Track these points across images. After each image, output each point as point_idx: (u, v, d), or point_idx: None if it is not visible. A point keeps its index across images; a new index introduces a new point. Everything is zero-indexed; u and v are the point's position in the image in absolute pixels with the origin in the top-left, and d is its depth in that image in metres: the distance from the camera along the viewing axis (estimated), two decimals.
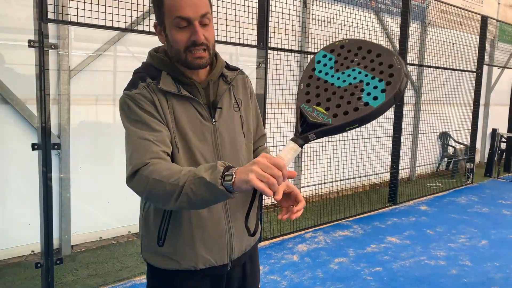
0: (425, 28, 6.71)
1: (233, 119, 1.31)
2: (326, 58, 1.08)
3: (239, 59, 4.72)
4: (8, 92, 3.27)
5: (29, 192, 3.26)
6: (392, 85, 0.97)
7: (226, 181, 0.97)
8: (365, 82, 0.99)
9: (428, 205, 5.58)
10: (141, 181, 1.09)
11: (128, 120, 1.18)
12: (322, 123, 0.99)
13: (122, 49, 3.82)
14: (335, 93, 1.02)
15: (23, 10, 3.25)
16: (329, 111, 1.00)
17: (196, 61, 1.19)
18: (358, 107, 0.98)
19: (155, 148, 1.13)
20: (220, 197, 1.00)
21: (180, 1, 1.14)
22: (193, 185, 1.01)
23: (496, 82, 8.84)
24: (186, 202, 1.03)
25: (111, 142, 3.84)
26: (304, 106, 1.03)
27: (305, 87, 1.06)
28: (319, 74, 1.06)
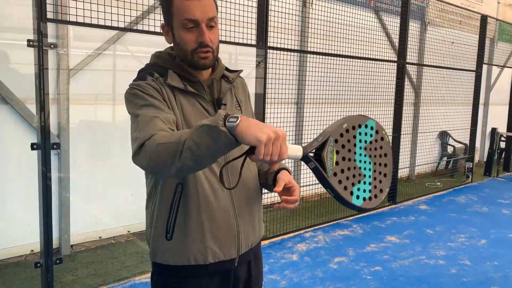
0: (425, 27, 6.71)
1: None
2: (370, 131, 1.17)
3: (238, 58, 4.72)
4: (7, 92, 3.27)
5: (29, 192, 3.26)
6: (370, 202, 1.13)
7: (229, 122, 0.94)
8: (364, 179, 1.14)
9: (428, 204, 5.59)
10: (146, 151, 1.07)
11: (136, 107, 1.19)
12: (325, 167, 1.08)
13: (122, 48, 3.82)
14: (350, 161, 1.13)
15: (22, 9, 3.24)
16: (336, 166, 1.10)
17: (201, 61, 1.24)
18: (348, 188, 1.11)
19: (162, 125, 1.13)
20: (223, 142, 0.95)
21: (189, 4, 1.19)
22: (195, 136, 0.98)
23: (496, 81, 8.85)
24: (189, 157, 0.99)
25: (111, 141, 3.84)
26: (331, 140, 1.10)
27: (345, 130, 1.12)
28: (358, 136, 1.15)
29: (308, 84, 4.86)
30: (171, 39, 1.29)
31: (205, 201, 1.25)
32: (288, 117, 4.36)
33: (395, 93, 5.45)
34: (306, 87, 4.97)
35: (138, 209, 1.25)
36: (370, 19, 5.48)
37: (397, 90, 5.43)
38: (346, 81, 5.00)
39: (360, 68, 5.22)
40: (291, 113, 4.87)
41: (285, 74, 4.25)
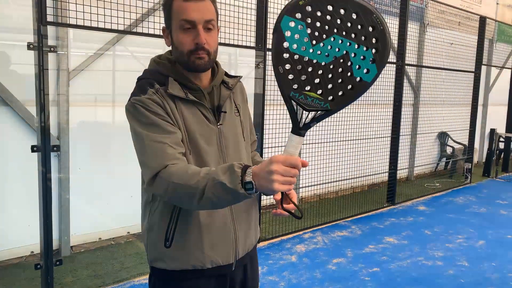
0: (424, 28, 6.73)
1: (234, 123, 1.38)
2: (295, 27, 0.92)
3: (238, 59, 4.73)
4: (7, 94, 3.28)
5: (29, 193, 3.27)
6: (381, 52, 0.90)
7: (247, 189, 1.03)
8: (351, 53, 0.90)
9: (426, 205, 5.61)
10: (162, 184, 1.13)
11: (140, 125, 1.20)
12: (320, 109, 0.95)
13: (121, 49, 3.84)
14: (323, 72, 0.92)
15: (22, 10, 3.25)
16: (323, 94, 0.94)
17: (196, 62, 1.24)
18: (353, 84, 0.92)
19: (172, 151, 1.16)
20: (241, 199, 1.07)
21: (187, 6, 1.21)
22: (214, 189, 1.06)
23: (495, 82, 8.86)
24: (209, 205, 1.09)
25: (110, 142, 3.86)
26: (294, 95, 0.95)
27: (284, 70, 0.94)
28: (295, 50, 0.92)
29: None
30: (169, 41, 1.30)
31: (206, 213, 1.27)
32: (287, 118, 4.37)
33: (394, 94, 5.47)
34: None
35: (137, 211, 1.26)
36: None
37: (396, 91, 5.45)
38: None
39: None
40: None
41: None
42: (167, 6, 1.26)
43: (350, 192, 5.95)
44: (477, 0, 8.16)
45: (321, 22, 0.91)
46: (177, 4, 1.23)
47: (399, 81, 5.41)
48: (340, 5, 0.90)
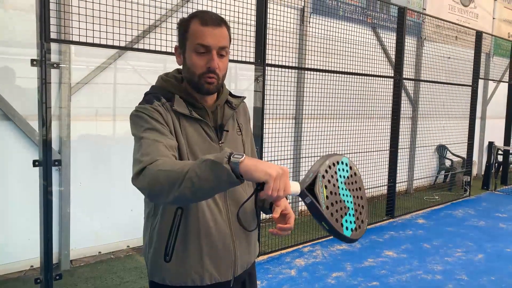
0: (421, 43, 6.82)
1: (236, 142, 1.41)
2: (346, 167, 1.25)
3: (238, 73, 4.79)
4: (9, 109, 3.32)
5: (29, 207, 3.29)
6: (356, 233, 1.21)
7: (234, 158, 0.99)
8: (349, 212, 1.21)
9: (425, 218, 5.61)
10: (146, 176, 1.10)
11: (140, 129, 1.23)
12: (319, 201, 1.13)
13: (123, 63, 3.89)
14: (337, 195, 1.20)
15: (26, 24, 3.31)
16: (327, 200, 1.16)
17: (206, 86, 1.30)
18: (338, 220, 1.17)
19: (164, 150, 1.17)
20: (224, 179, 0.99)
21: (205, 30, 1.26)
22: (197, 168, 1.02)
23: (492, 95, 8.94)
24: (189, 188, 1.02)
25: (111, 156, 3.89)
26: (320, 176, 1.15)
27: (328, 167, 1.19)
28: (338, 171, 1.23)
29: (306, 99, 4.93)
30: (181, 61, 1.35)
31: (205, 226, 1.29)
32: (287, 132, 4.42)
33: (392, 108, 5.52)
34: (305, 102, 5.04)
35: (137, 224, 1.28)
36: (367, 35, 5.58)
37: (394, 105, 5.50)
38: (344, 96, 5.07)
39: (358, 83, 5.29)
40: (290, 127, 4.92)
41: (284, 90, 4.32)
42: (184, 27, 1.31)
43: None
44: (474, 15, 8.27)
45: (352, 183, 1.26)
46: (195, 27, 1.28)
47: (397, 94, 5.47)
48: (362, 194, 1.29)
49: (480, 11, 8.43)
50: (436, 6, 7.30)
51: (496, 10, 8.84)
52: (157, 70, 3.98)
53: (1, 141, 3.34)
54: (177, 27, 1.36)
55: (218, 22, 1.30)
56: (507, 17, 9.25)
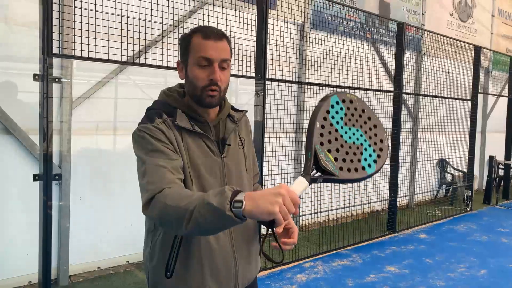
0: (421, 58, 6.87)
1: (238, 156, 1.41)
2: (338, 106, 1.20)
3: (238, 87, 4.82)
4: (11, 123, 3.33)
5: (29, 222, 3.28)
6: (381, 159, 1.19)
7: (235, 208, 0.99)
8: (364, 147, 1.18)
9: (427, 233, 5.57)
10: (156, 207, 1.13)
11: (144, 151, 1.24)
12: (331, 171, 1.11)
13: (124, 78, 3.92)
14: (343, 146, 1.17)
15: (28, 40, 3.34)
16: (337, 162, 1.13)
17: (208, 99, 1.30)
18: (358, 168, 1.14)
19: (171, 176, 1.18)
20: (228, 223, 1.03)
21: (207, 43, 1.28)
22: (202, 210, 1.03)
23: (492, 109, 8.96)
24: (196, 228, 1.06)
25: (111, 170, 3.88)
26: (318, 148, 1.13)
27: (320, 127, 1.15)
28: (332, 120, 1.18)
29: (307, 113, 4.94)
30: (183, 75, 1.36)
31: (206, 241, 1.28)
32: (287, 145, 4.42)
33: (392, 122, 5.53)
34: (305, 117, 5.06)
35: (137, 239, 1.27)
36: (366, 50, 5.63)
37: (394, 119, 5.51)
38: None
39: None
40: (290, 141, 4.93)
41: (284, 104, 4.34)
42: (186, 42, 1.32)
43: (350, 220, 5.92)
44: (472, 30, 8.36)
45: (354, 115, 1.22)
46: (197, 41, 1.29)
47: (397, 109, 5.48)
48: (369, 113, 1.25)
49: (478, 27, 8.52)
50: (435, 21, 7.38)
51: (494, 26, 8.94)
52: (158, 85, 4.00)
53: (2, 155, 3.34)
54: (179, 42, 1.37)
55: (220, 35, 1.32)
56: (505, 33, 9.34)
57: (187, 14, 3.93)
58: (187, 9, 3.66)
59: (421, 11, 7.15)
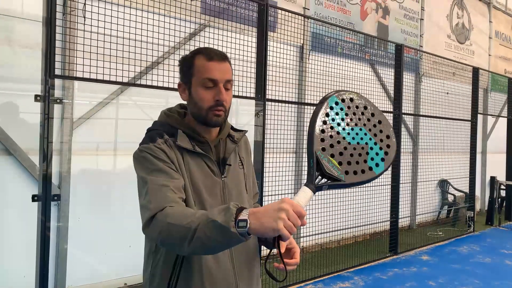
0: (419, 79, 6.93)
1: (238, 176, 1.42)
2: (338, 107, 1.16)
3: (239, 108, 4.85)
4: (11, 143, 3.34)
5: (26, 243, 3.24)
6: (389, 156, 1.14)
7: (240, 227, 0.98)
8: (369, 146, 1.13)
9: (430, 254, 5.50)
10: (157, 226, 1.12)
11: (146, 171, 1.23)
12: (336, 177, 1.08)
13: (125, 99, 3.95)
14: (346, 148, 1.12)
15: (30, 61, 3.38)
16: (341, 166, 1.10)
17: (214, 119, 1.32)
18: (365, 170, 1.10)
19: (172, 195, 1.18)
20: (233, 241, 1.02)
21: (211, 65, 1.30)
22: (206, 228, 1.02)
23: (492, 130, 8.98)
24: (199, 246, 1.05)
25: (111, 191, 3.86)
26: (320, 154, 1.09)
27: (320, 133, 1.12)
28: (332, 122, 1.14)
29: (307, 134, 4.95)
30: (187, 96, 1.36)
31: (207, 264, 1.27)
32: (287, 166, 4.41)
33: None
34: (305, 137, 5.06)
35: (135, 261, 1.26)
36: (365, 71, 5.69)
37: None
38: None
39: None
40: (290, 162, 4.92)
41: (284, 124, 4.35)
42: (188, 63, 1.34)
43: (352, 242, 5.86)
44: (470, 52, 8.46)
45: (356, 113, 1.16)
46: (200, 62, 1.31)
47: (397, 129, 5.50)
48: (372, 109, 1.19)
49: (476, 48, 8.62)
50: (432, 43, 7.48)
51: (491, 47, 9.05)
52: (159, 105, 4.02)
53: (2, 175, 3.33)
54: (180, 64, 1.38)
55: (223, 57, 1.34)
56: (503, 54, 9.45)
57: (188, 36, 3.99)
58: (188, 31, 3.72)
59: (419, 33, 7.26)
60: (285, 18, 4.36)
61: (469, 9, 8.44)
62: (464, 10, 8.29)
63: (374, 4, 6.40)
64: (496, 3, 9.18)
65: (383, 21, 6.58)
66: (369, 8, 6.33)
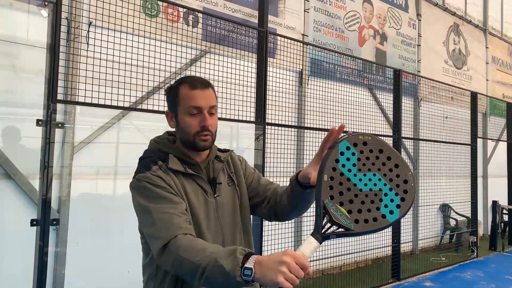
0: (418, 103, 6.99)
1: (229, 193, 1.46)
2: (349, 152, 1.10)
3: (239, 132, 4.88)
4: (11, 167, 3.35)
5: (24, 268, 3.19)
6: (406, 202, 1.07)
7: (245, 275, 1.02)
8: (383, 192, 1.07)
9: (433, 281, 5.40)
10: (170, 257, 1.16)
11: (147, 199, 1.26)
12: (344, 226, 1.04)
13: (126, 123, 3.98)
14: (357, 196, 1.07)
15: (33, 87, 3.42)
16: (351, 214, 1.05)
17: (201, 143, 1.36)
18: (377, 218, 1.05)
19: (179, 220, 1.21)
20: (237, 286, 1.06)
21: (195, 93, 1.35)
22: (214, 271, 1.07)
23: (492, 154, 8.99)
24: (208, 284, 1.11)
25: (110, 216, 3.84)
26: (328, 203, 1.05)
27: (328, 179, 1.07)
28: (342, 169, 1.09)
29: (307, 158, 4.97)
30: (174, 124, 1.42)
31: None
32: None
33: None
34: (304, 161, 5.07)
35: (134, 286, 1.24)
36: (364, 96, 5.74)
37: None
38: None
39: None
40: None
41: (284, 148, 4.37)
42: (174, 93, 1.39)
43: (354, 267, 5.77)
44: (467, 77, 8.57)
45: (369, 158, 1.10)
46: (184, 91, 1.36)
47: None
48: (388, 153, 1.12)
49: (473, 73, 8.74)
50: (430, 69, 7.59)
51: (488, 72, 9.17)
52: (159, 129, 4.03)
53: (1, 199, 3.33)
54: (166, 94, 1.44)
55: (205, 84, 1.39)
56: (500, 79, 9.56)
57: (189, 62, 4.06)
58: (189, 57, 3.79)
59: (416, 59, 7.37)
60: (284, 45, 4.44)
61: (466, 36, 8.60)
62: (461, 36, 8.45)
63: (371, 31, 6.54)
64: (491, 29, 9.36)
65: (381, 47, 6.70)
66: (367, 35, 6.46)
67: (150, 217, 1.23)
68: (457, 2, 8.50)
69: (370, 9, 6.54)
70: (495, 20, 9.54)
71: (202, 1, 4.58)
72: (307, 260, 1.01)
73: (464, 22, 8.56)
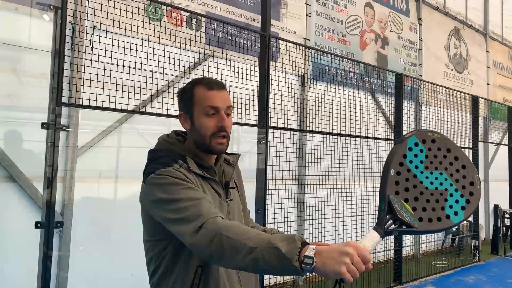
0: (419, 107, 7.00)
1: (237, 198, 1.47)
2: (417, 148, 1.09)
3: (241, 135, 4.89)
4: (15, 170, 3.36)
5: (28, 270, 3.20)
6: (471, 205, 1.05)
7: (305, 264, 0.98)
8: (449, 192, 1.05)
9: (435, 284, 5.39)
10: (207, 235, 1.10)
11: (173, 191, 1.21)
12: (408, 223, 1.02)
13: (128, 127, 3.99)
14: (423, 193, 1.05)
15: (36, 91, 3.45)
16: (415, 211, 1.03)
17: (218, 147, 1.36)
18: (441, 218, 1.03)
19: (209, 205, 1.19)
20: (290, 272, 1.02)
21: (212, 94, 1.35)
22: (266, 252, 1.02)
23: (493, 158, 8.99)
24: (252, 265, 1.04)
25: (113, 219, 3.85)
26: (393, 198, 1.04)
27: (395, 175, 1.07)
28: (410, 165, 1.07)
29: (309, 161, 4.98)
30: (189, 125, 1.39)
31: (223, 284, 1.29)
32: (290, 193, 4.40)
33: None
34: (307, 164, 5.08)
35: None
36: (365, 99, 5.76)
37: None
38: (345, 159, 5.12)
39: (359, 145, 5.37)
40: (293, 189, 4.92)
41: (286, 151, 4.38)
42: (189, 94, 1.38)
43: None
44: (468, 81, 8.59)
45: (437, 156, 1.08)
46: (201, 92, 1.36)
47: None
48: (456, 153, 1.10)
49: (474, 77, 8.76)
50: (431, 73, 7.61)
51: (489, 77, 9.19)
52: (161, 133, 4.07)
53: (6, 202, 3.34)
54: (179, 95, 1.42)
55: (221, 86, 1.39)
56: (501, 83, 9.58)
57: (192, 65, 4.08)
58: (192, 61, 3.80)
59: (417, 63, 7.39)
60: (286, 49, 4.46)
61: (466, 40, 8.63)
62: (461, 40, 8.48)
63: (373, 35, 6.56)
64: (492, 34, 9.39)
65: (382, 51, 6.72)
66: (368, 39, 6.48)
67: (178, 204, 1.17)
68: (458, 6, 8.53)
69: (372, 13, 6.57)
70: (495, 24, 9.58)
71: (205, 5, 4.61)
72: (370, 256, 0.99)
73: (465, 26, 8.60)
